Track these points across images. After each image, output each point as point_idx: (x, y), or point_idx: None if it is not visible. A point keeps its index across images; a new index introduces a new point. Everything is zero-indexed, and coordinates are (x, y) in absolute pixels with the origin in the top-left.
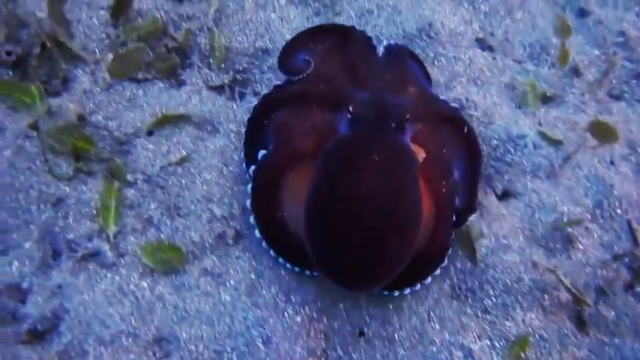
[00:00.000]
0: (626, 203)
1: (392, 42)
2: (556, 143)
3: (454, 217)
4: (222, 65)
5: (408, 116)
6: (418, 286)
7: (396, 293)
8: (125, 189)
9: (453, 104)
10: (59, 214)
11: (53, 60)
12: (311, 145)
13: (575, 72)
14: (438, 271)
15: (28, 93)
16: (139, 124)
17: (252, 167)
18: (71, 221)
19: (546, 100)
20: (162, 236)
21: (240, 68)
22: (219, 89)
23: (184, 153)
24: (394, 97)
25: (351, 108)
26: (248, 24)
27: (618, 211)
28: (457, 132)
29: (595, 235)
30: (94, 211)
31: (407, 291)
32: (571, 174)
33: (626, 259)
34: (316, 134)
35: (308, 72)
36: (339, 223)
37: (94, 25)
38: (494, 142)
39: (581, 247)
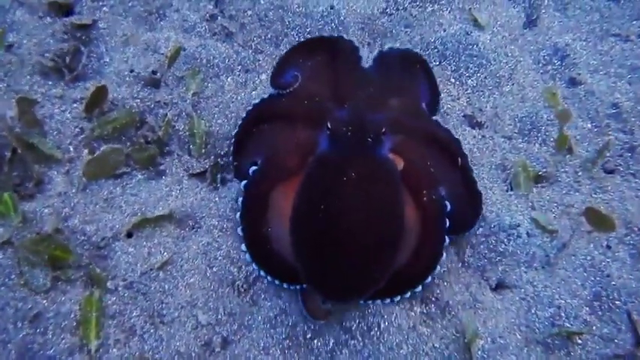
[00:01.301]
0: (625, 293)
1: (387, 48)
2: (550, 232)
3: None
4: (203, 151)
5: (383, 130)
6: (408, 294)
7: (387, 301)
8: (106, 296)
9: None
10: (38, 330)
11: (26, 162)
12: (297, 161)
13: (568, 148)
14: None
15: (1, 202)
16: (117, 227)
17: (244, 182)
18: (51, 336)
19: (539, 179)
20: (145, 347)
21: (222, 152)
22: (200, 176)
23: (166, 256)
24: (372, 112)
25: (329, 125)
26: (228, 105)
27: (617, 302)
28: (450, 160)
29: (594, 329)
30: (75, 323)
31: (397, 298)
32: (567, 263)
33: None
34: (301, 150)
35: (294, 87)
36: (322, 239)
37: (67, 120)
38: (487, 231)
39: (580, 342)
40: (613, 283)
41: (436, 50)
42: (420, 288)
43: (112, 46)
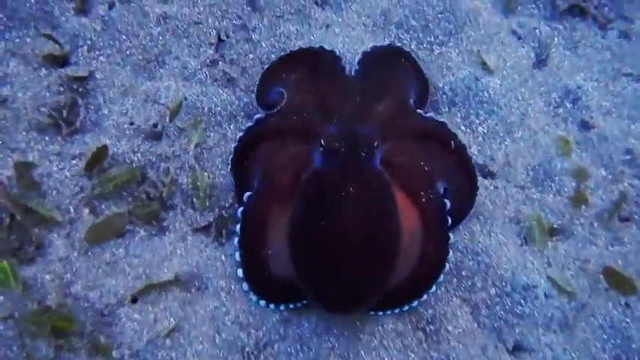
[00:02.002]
0: None
1: (367, 50)
2: (568, 293)
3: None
4: (207, 204)
5: (376, 143)
6: (425, 296)
7: (406, 308)
8: None
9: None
10: None
11: (24, 226)
12: (291, 177)
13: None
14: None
15: (0, 271)
16: (121, 292)
17: (240, 209)
18: None
19: (554, 232)
20: None
21: (226, 204)
22: (205, 230)
23: (173, 322)
24: (362, 124)
25: (322, 141)
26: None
27: None
28: (442, 147)
29: None
30: None
31: (414, 303)
32: (585, 324)
33: None
34: (294, 166)
35: (281, 105)
36: (323, 253)
37: (66, 178)
38: (503, 291)
39: None
40: (634, 345)
41: (445, 96)
42: (434, 288)
43: (111, 98)
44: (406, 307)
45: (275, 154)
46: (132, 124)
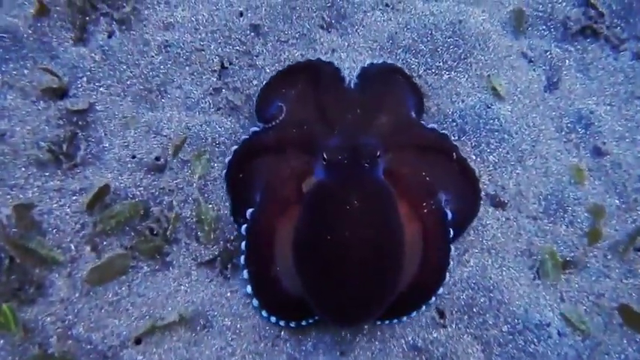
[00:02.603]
0: None
1: (365, 65)
2: (582, 331)
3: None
4: (212, 237)
5: (378, 153)
6: (423, 308)
7: (404, 319)
8: None
9: (443, 132)
10: None
11: (25, 267)
12: (293, 190)
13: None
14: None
15: (0, 314)
16: (125, 333)
17: (244, 226)
18: None
19: (567, 266)
20: None
21: (232, 237)
22: (210, 264)
23: None
24: (364, 135)
25: (325, 155)
26: None
27: None
28: (444, 158)
29: None
30: None
31: (413, 314)
32: None
33: None
34: (296, 178)
35: (280, 118)
36: (329, 267)
37: (66, 215)
38: (516, 329)
39: None
40: None
41: (455, 124)
42: (433, 299)
43: (111, 130)
44: (404, 318)
45: (276, 167)
46: (134, 157)
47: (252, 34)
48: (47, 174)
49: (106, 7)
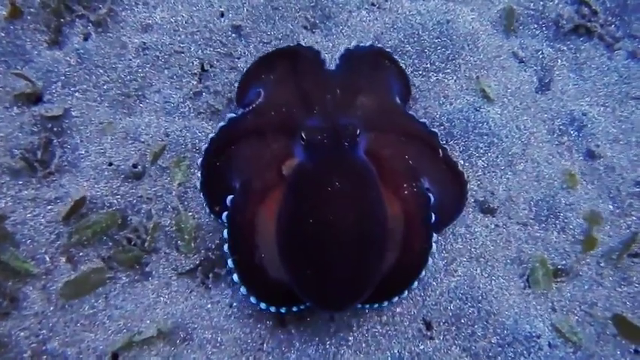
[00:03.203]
0: None
1: (350, 47)
2: (574, 343)
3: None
4: (192, 245)
5: (358, 132)
6: (405, 293)
7: (385, 304)
8: None
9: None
10: None
11: None
12: (275, 174)
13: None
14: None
15: None
16: (101, 347)
17: (224, 214)
18: None
19: (558, 274)
20: None
21: (213, 246)
22: (190, 274)
23: None
24: (344, 115)
25: (303, 135)
26: None
27: None
28: (429, 151)
29: None
30: None
31: (394, 299)
32: None
33: None
34: (277, 162)
35: (257, 103)
36: (313, 251)
37: (41, 225)
38: (505, 340)
39: None
40: None
41: (442, 127)
42: (415, 284)
43: (88, 137)
44: (385, 303)
45: (255, 152)
46: (111, 164)
47: (234, 35)
48: (21, 182)
49: (82, 8)
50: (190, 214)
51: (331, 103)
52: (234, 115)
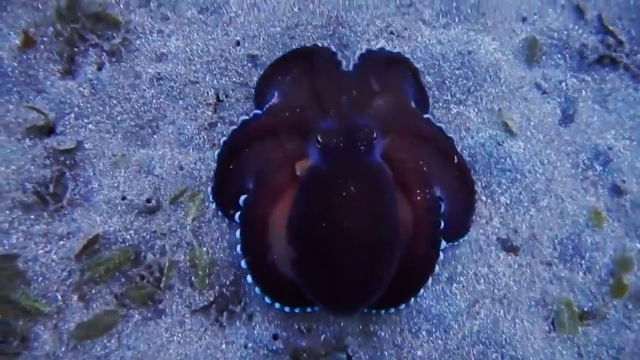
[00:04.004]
0: None
1: (369, 48)
2: None
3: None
4: (206, 282)
5: (374, 135)
6: (412, 300)
7: (392, 310)
8: None
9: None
10: None
11: (8, 319)
12: (288, 175)
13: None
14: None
15: None
16: None
17: (237, 214)
18: None
19: (585, 317)
20: None
21: (227, 282)
22: (204, 311)
23: None
24: (360, 117)
25: (319, 137)
26: (232, 228)
27: None
28: (444, 157)
29: None
30: None
31: (401, 306)
32: None
33: None
34: (290, 162)
35: (270, 103)
36: (323, 255)
37: (52, 262)
38: None
39: None
40: None
41: None
42: (421, 291)
43: (101, 170)
44: (392, 310)
45: (268, 152)
46: (124, 198)
47: (250, 64)
48: (32, 217)
49: (96, 37)
50: (205, 249)
51: (347, 104)
52: (246, 117)
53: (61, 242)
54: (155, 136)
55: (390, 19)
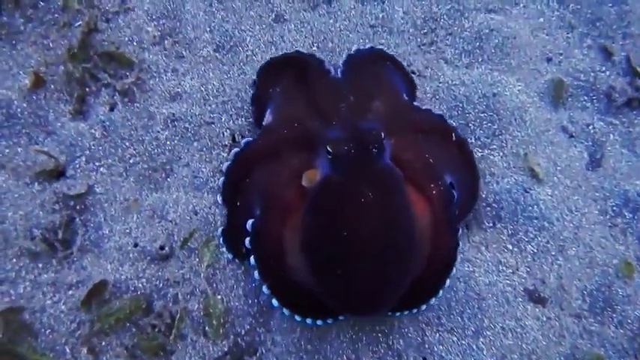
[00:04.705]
0: None
1: (351, 52)
2: None
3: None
4: (221, 331)
5: (383, 136)
6: (440, 293)
7: (424, 307)
8: None
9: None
10: None
11: None
12: (295, 192)
13: None
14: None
15: None
16: None
17: (247, 239)
18: None
19: None
20: None
21: (243, 331)
22: None
23: None
24: (363, 121)
25: (329, 148)
26: (249, 271)
27: None
28: (443, 139)
29: None
30: None
31: (432, 300)
32: None
33: None
34: (297, 179)
35: (265, 123)
36: (346, 264)
37: (61, 313)
38: None
39: None
40: None
41: (489, 209)
42: (447, 283)
43: (112, 215)
44: (424, 307)
45: (273, 171)
46: (136, 245)
47: None
48: (40, 265)
49: (108, 77)
50: (219, 297)
51: (347, 110)
52: (237, 149)
53: (70, 292)
54: (169, 179)
55: (412, 58)
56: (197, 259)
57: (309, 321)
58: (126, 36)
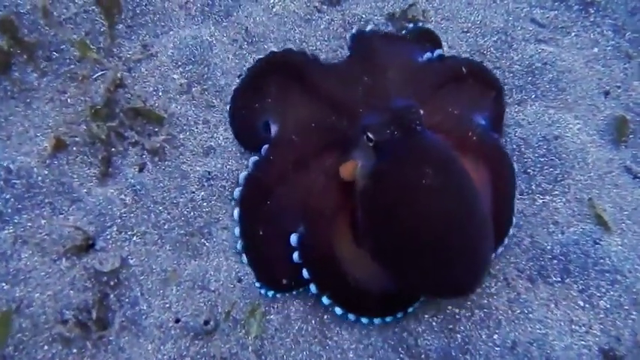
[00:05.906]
0: None
1: (354, 32)
2: None
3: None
4: None
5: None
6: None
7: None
8: None
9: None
10: None
11: None
12: (338, 193)
13: None
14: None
15: None
16: None
17: (295, 255)
18: None
19: None
20: None
21: None
22: None
23: None
24: (394, 100)
25: (371, 136)
26: (297, 340)
27: None
28: (458, 82)
29: None
30: None
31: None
32: None
33: None
34: (334, 180)
35: (274, 137)
36: (436, 252)
37: None
38: None
39: None
40: None
41: (556, 262)
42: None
43: (149, 289)
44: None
45: (305, 183)
46: (177, 321)
47: None
48: (75, 351)
49: (136, 134)
50: None
51: (368, 94)
52: (256, 157)
53: None
54: (207, 244)
55: None
56: (243, 332)
57: (377, 321)
58: (150, 85)
